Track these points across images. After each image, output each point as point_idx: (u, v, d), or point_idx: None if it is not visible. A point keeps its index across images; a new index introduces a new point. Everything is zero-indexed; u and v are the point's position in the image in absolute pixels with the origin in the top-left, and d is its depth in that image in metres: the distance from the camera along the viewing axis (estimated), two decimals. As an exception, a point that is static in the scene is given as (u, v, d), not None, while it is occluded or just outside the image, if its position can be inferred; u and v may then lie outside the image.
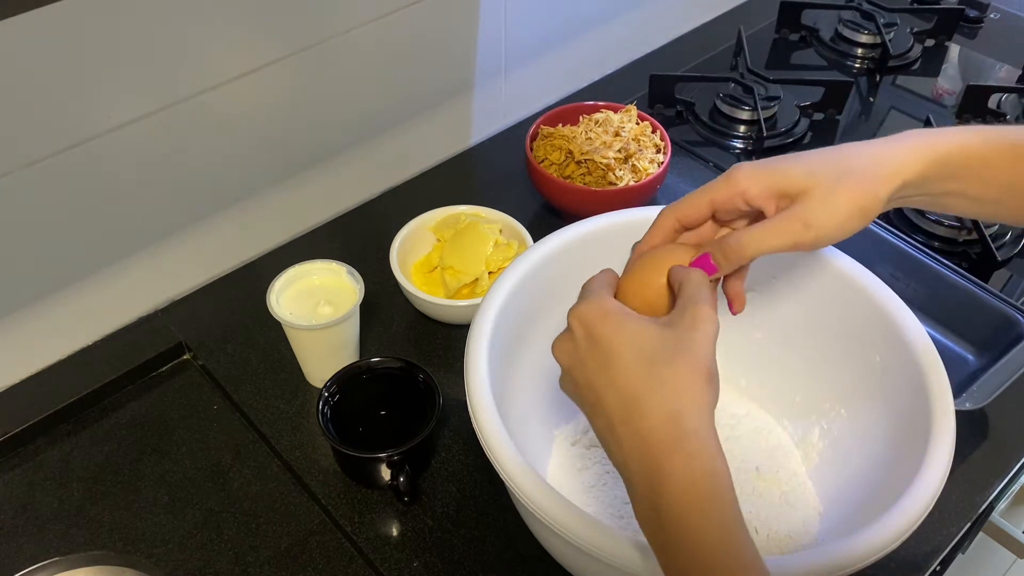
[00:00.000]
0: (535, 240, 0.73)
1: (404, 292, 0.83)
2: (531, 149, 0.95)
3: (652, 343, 0.46)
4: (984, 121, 1.11)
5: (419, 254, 0.89)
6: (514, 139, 1.05)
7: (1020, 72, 1.20)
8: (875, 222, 0.91)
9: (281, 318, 0.74)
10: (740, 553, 0.41)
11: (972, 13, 1.30)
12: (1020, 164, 0.52)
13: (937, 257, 0.87)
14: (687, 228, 0.55)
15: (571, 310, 0.49)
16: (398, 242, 0.85)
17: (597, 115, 0.98)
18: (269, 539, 0.70)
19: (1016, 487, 0.86)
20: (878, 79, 1.20)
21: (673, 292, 0.51)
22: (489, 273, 0.83)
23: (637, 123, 0.97)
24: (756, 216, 0.54)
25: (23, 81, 0.66)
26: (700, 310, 0.47)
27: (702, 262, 0.52)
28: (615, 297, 0.51)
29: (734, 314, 0.56)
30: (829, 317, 0.70)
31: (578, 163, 0.93)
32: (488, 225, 0.86)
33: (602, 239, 0.71)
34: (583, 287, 0.51)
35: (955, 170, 0.52)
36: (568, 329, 0.49)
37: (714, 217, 0.55)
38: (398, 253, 0.84)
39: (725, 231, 0.55)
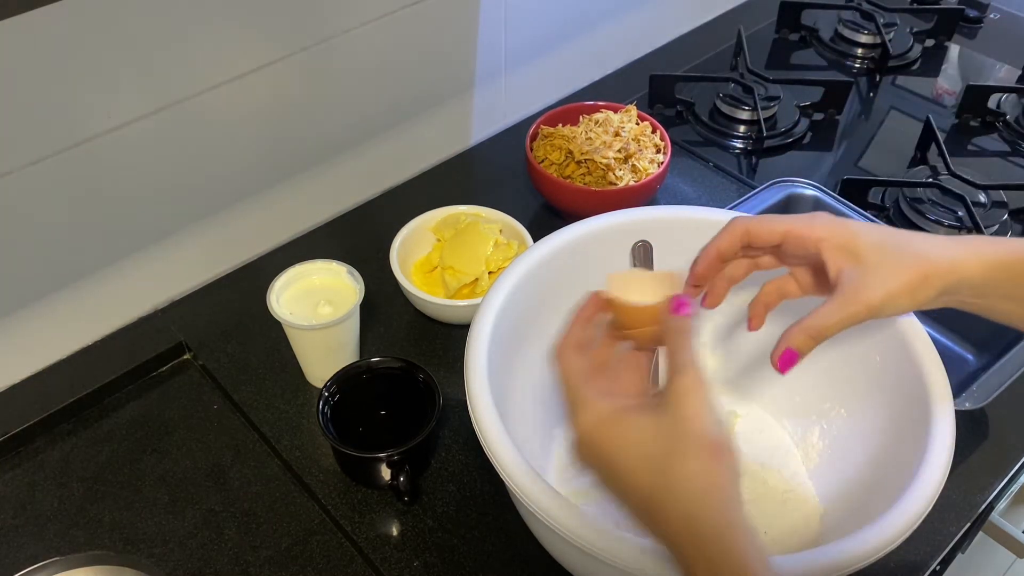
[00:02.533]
0: (535, 240, 0.73)
1: (404, 292, 0.83)
2: (531, 149, 0.95)
3: (651, 442, 0.46)
4: (984, 120, 1.12)
5: (419, 254, 0.89)
6: (514, 139, 1.05)
7: (1020, 72, 1.20)
8: (874, 222, 0.91)
9: (281, 318, 0.74)
10: None
11: (972, 13, 1.30)
12: None
13: (937, 257, 0.87)
14: (750, 246, 0.58)
15: (573, 423, 0.49)
16: (398, 242, 0.85)
17: (597, 115, 0.98)
18: (269, 539, 0.70)
19: (1016, 487, 0.86)
20: (878, 79, 1.20)
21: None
22: (489, 273, 0.83)
23: (637, 123, 0.97)
24: (811, 260, 0.57)
25: (23, 81, 0.66)
26: (681, 382, 0.47)
27: (678, 304, 0.51)
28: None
29: (751, 330, 0.60)
30: (829, 317, 0.69)
31: (578, 163, 0.93)
32: (488, 225, 0.86)
33: (602, 239, 0.71)
34: (570, 384, 0.51)
35: (1015, 276, 0.53)
36: (577, 442, 0.49)
37: (778, 248, 0.58)
38: (398, 253, 0.84)
39: (733, 271, 0.60)
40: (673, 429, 0.45)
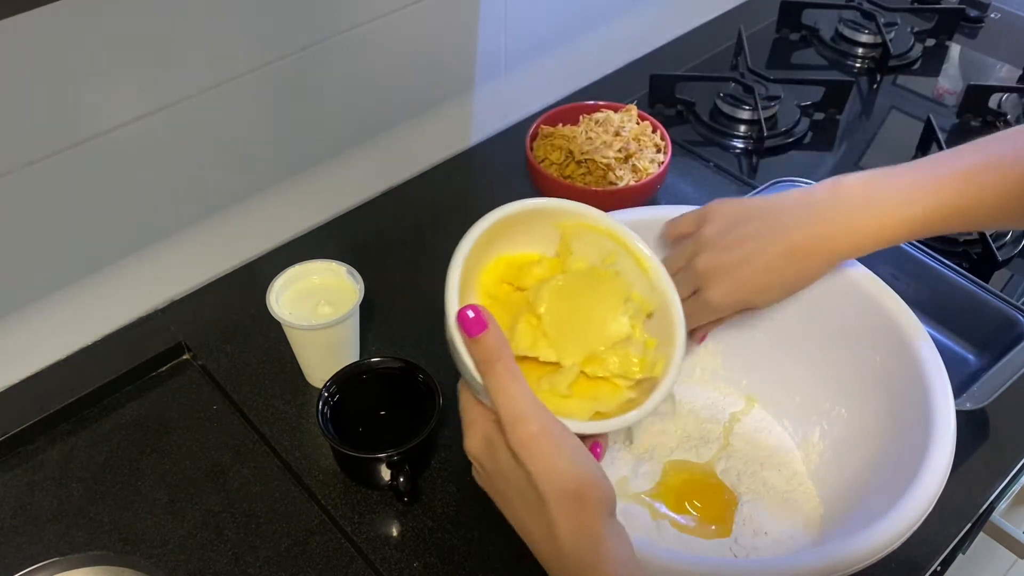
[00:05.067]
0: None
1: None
2: (531, 149, 0.95)
3: (525, 489, 0.48)
4: (984, 120, 1.11)
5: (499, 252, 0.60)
6: (514, 139, 1.05)
7: (1021, 72, 1.19)
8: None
9: (281, 318, 0.74)
10: None
11: (972, 13, 1.30)
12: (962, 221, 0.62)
13: (938, 257, 0.87)
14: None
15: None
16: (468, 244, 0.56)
17: (597, 115, 0.98)
18: (269, 539, 0.70)
19: (1016, 487, 0.86)
20: (878, 79, 1.20)
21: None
22: (581, 373, 0.55)
23: (637, 123, 0.97)
24: None
25: (23, 81, 0.66)
26: (520, 435, 0.47)
27: (467, 324, 0.51)
28: None
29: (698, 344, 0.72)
30: (829, 317, 0.70)
31: (578, 163, 0.93)
32: (617, 279, 0.56)
33: (602, 239, 0.71)
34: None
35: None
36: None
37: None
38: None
39: None
40: (530, 484, 0.47)
